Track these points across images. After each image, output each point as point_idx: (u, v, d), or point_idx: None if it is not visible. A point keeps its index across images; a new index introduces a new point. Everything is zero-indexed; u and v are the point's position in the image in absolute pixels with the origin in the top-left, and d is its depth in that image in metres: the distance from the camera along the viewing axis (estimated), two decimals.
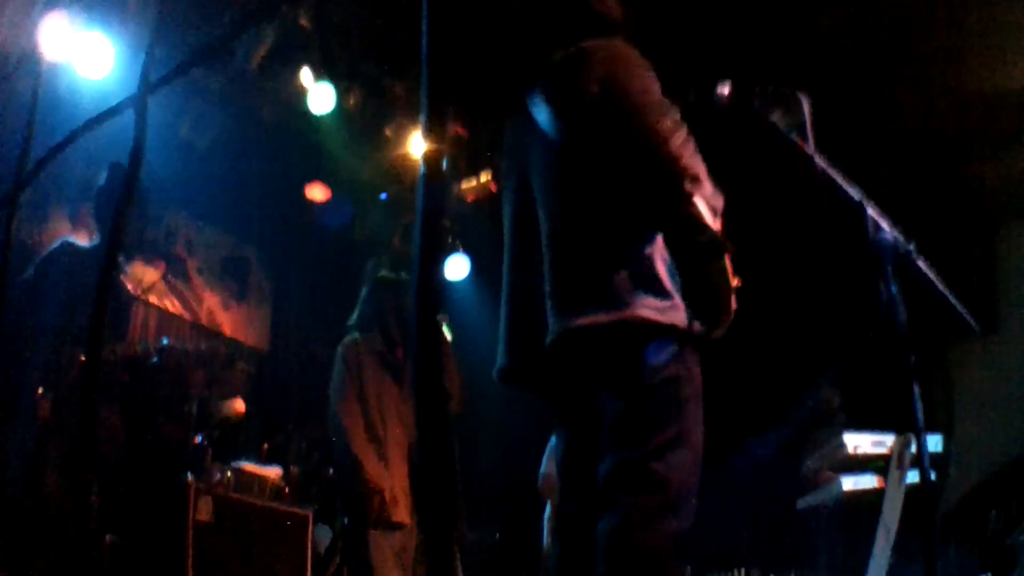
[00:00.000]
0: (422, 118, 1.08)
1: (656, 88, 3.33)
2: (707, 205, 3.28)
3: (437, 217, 1.05)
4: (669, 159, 3.18)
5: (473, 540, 8.60)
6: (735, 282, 3.38)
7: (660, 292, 3.14)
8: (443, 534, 0.94)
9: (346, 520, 6.32)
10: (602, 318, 3.09)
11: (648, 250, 3.19)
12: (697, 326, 3.18)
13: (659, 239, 3.23)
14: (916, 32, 7.23)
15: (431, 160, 1.08)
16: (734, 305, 3.35)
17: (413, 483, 6.07)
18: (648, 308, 3.09)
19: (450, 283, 9.20)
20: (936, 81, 7.63)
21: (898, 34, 7.30)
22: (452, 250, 9.23)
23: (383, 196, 10.02)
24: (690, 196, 3.20)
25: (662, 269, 3.18)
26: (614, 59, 3.35)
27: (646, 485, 3.02)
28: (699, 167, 3.25)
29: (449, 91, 1.13)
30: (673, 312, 3.13)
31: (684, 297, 3.18)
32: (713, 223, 3.31)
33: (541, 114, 3.44)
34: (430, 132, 1.07)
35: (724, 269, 3.34)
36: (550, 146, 3.42)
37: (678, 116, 3.28)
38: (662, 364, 3.13)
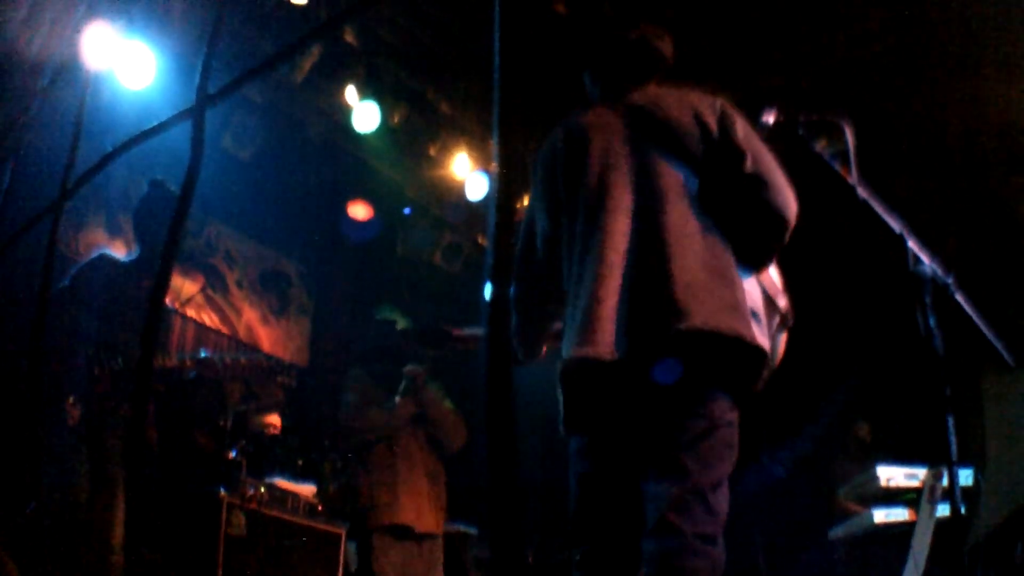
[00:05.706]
0: (494, 136, 1.07)
1: None
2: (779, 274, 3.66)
3: (508, 234, 1.05)
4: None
5: None
6: (782, 350, 3.74)
7: (759, 327, 3.37)
8: (513, 553, 0.94)
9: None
10: (726, 324, 3.18)
11: (750, 286, 3.44)
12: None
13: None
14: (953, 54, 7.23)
15: (503, 178, 1.08)
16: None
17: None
18: (760, 337, 3.27)
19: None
20: (976, 110, 7.60)
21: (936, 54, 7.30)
22: None
23: (407, 211, 10.03)
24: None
25: (760, 307, 3.34)
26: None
27: (705, 515, 3.13)
28: None
29: (519, 108, 1.13)
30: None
31: None
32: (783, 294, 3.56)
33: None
34: (502, 150, 1.07)
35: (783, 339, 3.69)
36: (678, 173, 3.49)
37: None
38: (731, 405, 3.29)
